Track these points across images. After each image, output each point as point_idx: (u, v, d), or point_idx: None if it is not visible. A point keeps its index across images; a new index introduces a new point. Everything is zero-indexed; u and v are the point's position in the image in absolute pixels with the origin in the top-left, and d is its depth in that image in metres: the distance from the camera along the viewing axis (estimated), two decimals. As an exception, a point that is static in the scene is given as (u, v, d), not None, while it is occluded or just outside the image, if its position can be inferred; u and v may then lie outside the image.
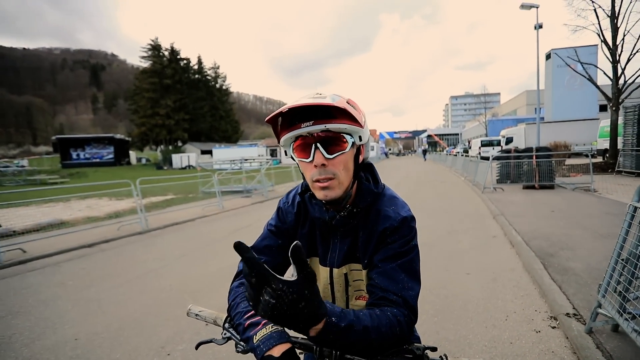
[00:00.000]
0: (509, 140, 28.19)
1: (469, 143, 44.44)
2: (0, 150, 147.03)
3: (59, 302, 3.94)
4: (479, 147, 32.64)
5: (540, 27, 17.10)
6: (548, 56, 36.04)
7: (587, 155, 11.37)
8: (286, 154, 0.96)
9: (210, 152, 50.60)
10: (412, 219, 0.95)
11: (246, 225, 7.89)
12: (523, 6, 16.37)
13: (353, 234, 0.99)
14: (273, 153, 49.02)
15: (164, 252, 5.96)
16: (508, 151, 12.56)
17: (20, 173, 35.20)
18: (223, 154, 41.01)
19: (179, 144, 64.67)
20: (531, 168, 10.95)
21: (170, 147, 60.33)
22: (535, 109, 20.43)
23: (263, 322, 0.81)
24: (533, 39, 16.98)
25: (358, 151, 0.95)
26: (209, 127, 72.26)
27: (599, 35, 14.88)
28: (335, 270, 1.01)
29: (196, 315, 1.03)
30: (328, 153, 0.87)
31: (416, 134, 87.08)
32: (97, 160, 52.09)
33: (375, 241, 0.94)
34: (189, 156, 48.18)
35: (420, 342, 0.99)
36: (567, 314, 2.87)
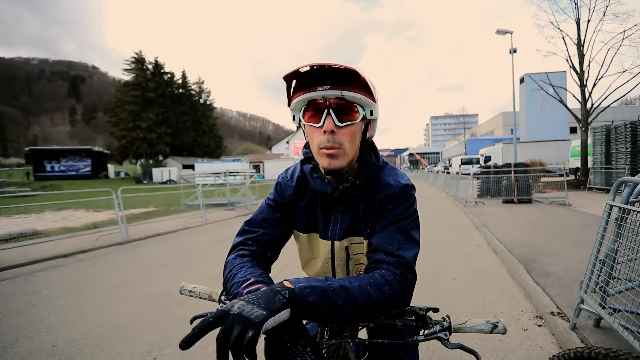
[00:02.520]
0: (488, 159, 29.22)
1: (449, 161, 45.77)
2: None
3: (34, 310, 3.73)
4: (459, 165, 33.67)
5: (515, 51, 18.14)
6: (522, 80, 38.04)
7: (561, 175, 11.91)
8: (294, 119, 0.96)
9: (192, 167, 49.84)
10: (412, 187, 0.96)
11: (230, 236, 7.66)
12: (499, 31, 17.39)
13: (354, 207, 0.98)
14: (257, 168, 48.76)
15: (147, 261, 5.77)
16: (488, 167, 13.03)
17: (-11, 185, 33.53)
18: (206, 168, 40.45)
19: (160, 158, 63.51)
20: (510, 183, 11.37)
21: (151, 161, 59.13)
22: (512, 129, 21.39)
23: (262, 288, 0.75)
24: (510, 63, 17.93)
25: (366, 127, 0.97)
26: (192, 141, 71.61)
27: (567, 60, 15.92)
28: (336, 243, 1.01)
29: (190, 291, 0.99)
30: (339, 121, 0.88)
31: (398, 152, 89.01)
32: (73, 172, 50.28)
33: (376, 209, 0.94)
34: (170, 170, 47.32)
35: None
36: (552, 313, 2.96)
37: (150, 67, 67.06)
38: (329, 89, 0.85)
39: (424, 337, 0.76)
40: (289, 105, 0.95)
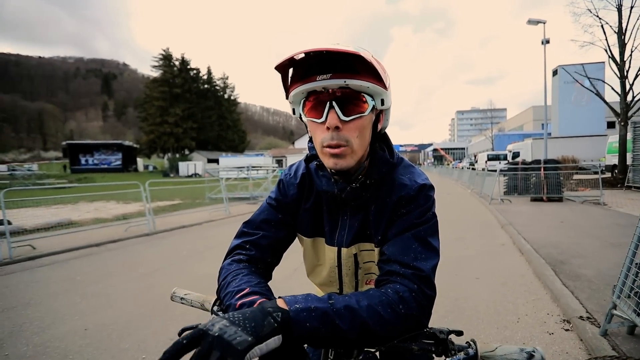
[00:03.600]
0: (516, 155, 28.07)
1: (475, 157, 44.38)
2: (12, 154, 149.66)
3: (68, 295, 3.96)
4: (486, 161, 32.57)
5: (547, 42, 17.25)
6: (555, 72, 36.20)
7: (595, 172, 11.27)
8: (294, 113, 0.84)
9: (216, 161, 51.06)
10: (430, 187, 0.85)
11: (252, 229, 7.89)
12: (530, 21, 16.57)
13: (365, 210, 0.87)
14: (279, 163, 49.29)
15: (171, 252, 5.99)
16: (515, 164, 12.53)
17: (30, 177, 35.80)
18: (230, 162, 41.31)
19: (186, 152, 65.38)
20: (539, 180, 10.89)
21: (178, 155, 61.01)
22: (542, 124, 20.45)
23: (258, 301, 0.67)
24: (542, 55, 17.05)
25: (377, 118, 0.84)
26: (216, 136, 73.15)
27: (606, 51, 14.96)
28: (343, 250, 0.90)
29: (181, 298, 0.92)
30: (344, 114, 0.75)
31: (422, 147, 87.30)
32: (105, 166, 52.83)
33: (389, 213, 0.82)
34: (195, 164, 48.68)
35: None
36: (581, 317, 2.82)
37: (177, 63, 68.92)
38: (330, 77, 0.73)
39: None
40: (286, 97, 0.84)
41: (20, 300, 3.83)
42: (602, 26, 14.92)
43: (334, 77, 0.73)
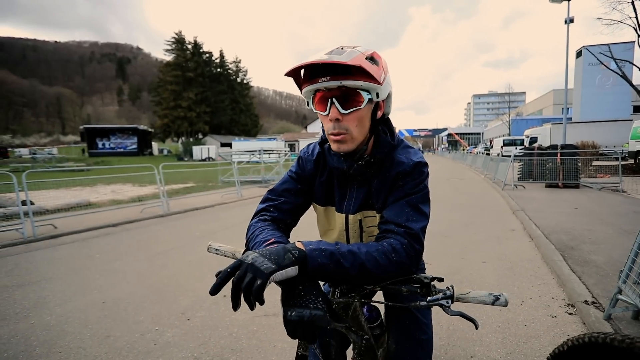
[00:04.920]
0: (533, 140, 27.26)
1: (490, 142, 43.34)
2: (33, 138, 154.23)
3: (87, 271, 4.16)
4: (501, 147, 31.81)
5: (572, 21, 16.44)
6: (579, 54, 34.58)
7: (616, 158, 10.89)
8: (308, 105, 1.00)
9: (229, 145, 51.47)
10: (424, 164, 0.99)
11: (263, 212, 8.01)
12: (553, -1, 15.77)
13: (369, 183, 1.03)
14: (291, 147, 49.33)
15: (184, 233, 6.17)
16: (532, 149, 12.22)
17: (50, 160, 36.97)
18: (242, 146, 41.58)
19: (200, 136, 66.02)
20: (555, 166, 10.62)
21: (191, 139, 61.69)
22: (563, 108, 19.71)
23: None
24: (566, 35, 16.27)
25: (376, 107, 0.98)
26: (229, 120, 73.49)
27: (636, 30, 14.19)
28: (350, 216, 1.06)
29: (216, 250, 1.10)
30: (343, 108, 0.91)
31: (436, 132, 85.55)
32: (121, 150, 53.91)
33: (388, 186, 0.98)
34: (209, 148, 49.19)
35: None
36: (586, 302, 2.82)
37: (189, 47, 68.79)
38: (329, 79, 0.88)
39: (426, 303, 0.80)
40: (301, 92, 1.00)
41: (44, 274, 4.06)
42: (632, 2, 14.10)
43: (332, 79, 0.88)
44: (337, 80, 0.87)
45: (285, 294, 0.72)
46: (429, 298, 0.80)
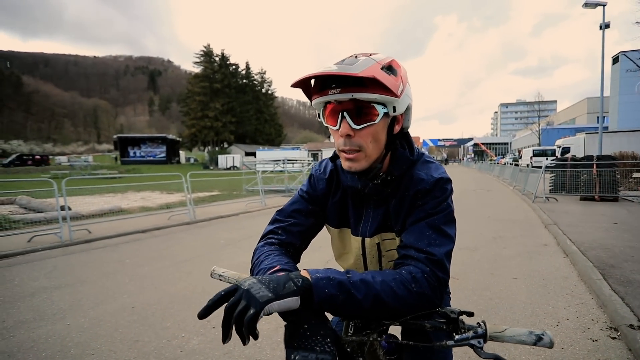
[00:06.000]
0: (566, 151, 26.05)
1: (519, 153, 41.81)
2: (71, 147, 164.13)
3: (118, 276, 4.33)
4: (531, 157, 30.58)
5: (607, 26, 15.75)
6: (615, 60, 32.95)
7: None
8: (319, 117, 0.92)
9: (254, 154, 52.45)
10: (447, 180, 0.89)
11: (286, 221, 8.07)
12: (587, 4, 15.19)
13: (386, 203, 0.94)
14: (314, 156, 49.64)
15: (210, 240, 6.30)
16: (564, 160, 11.68)
17: (86, 167, 39.15)
18: (266, 155, 42.28)
19: (225, 145, 67.76)
20: (591, 178, 10.08)
21: (217, 148, 63.42)
22: (598, 117, 18.81)
23: None
24: (604, 42, 15.57)
25: (393, 121, 0.90)
26: (254, 130, 75.11)
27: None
28: (367, 240, 0.97)
29: (219, 275, 1.01)
30: (355, 123, 0.82)
31: (462, 142, 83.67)
32: (151, 158, 56.17)
33: (407, 206, 0.89)
34: (233, 157, 50.30)
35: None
36: (631, 326, 2.62)
37: (217, 59, 71.33)
38: (340, 92, 0.80)
39: (454, 343, 0.70)
40: (311, 104, 0.93)
41: (79, 277, 4.26)
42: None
43: (343, 91, 0.80)
44: (348, 93, 0.79)
45: (288, 333, 0.65)
46: (457, 337, 0.70)
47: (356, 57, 0.84)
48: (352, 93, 0.79)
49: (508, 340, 0.66)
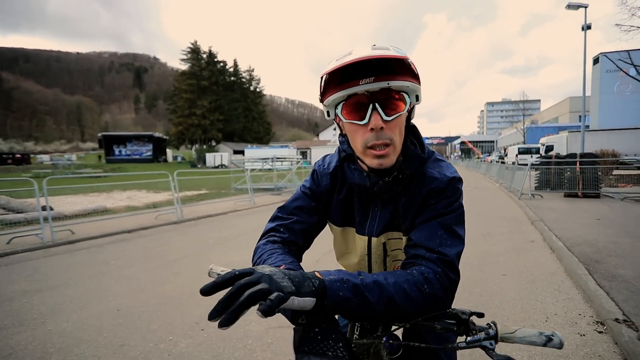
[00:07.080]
0: (549, 148, 26.69)
1: (505, 150, 42.61)
2: (54, 145, 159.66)
3: (103, 278, 4.20)
4: (516, 155, 31.20)
5: (589, 28, 16.14)
6: (596, 60, 33.84)
7: (638, 167, 10.54)
8: (328, 116, 0.87)
9: (242, 152, 51.98)
10: (459, 180, 0.87)
11: (276, 220, 8.01)
12: (570, 6, 15.53)
13: (395, 201, 0.91)
14: (303, 154, 49.51)
15: (198, 240, 6.20)
16: (549, 157, 11.93)
17: (70, 166, 38.12)
18: (255, 153, 41.96)
19: (213, 143, 66.96)
20: (574, 175, 10.32)
21: (205, 147, 62.63)
22: (580, 116, 19.28)
23: None
24: (588, 42, 15.95)
25: (410, 113, 0.87)
26: (242, 127, 74.35)
27: (656, 36, 13.79)
28: (373, 239, 0.94)
29: (218, 275, 0.93)
30: (386, 114, 0.78)
31: (449, 140, 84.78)
32: (137, 156, 55.15)
33: (418, 204, 0.86)
34: (221, 155, 49.78)
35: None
36: (617, 320, 2.67)
37: (204, 56, 70.30)
38: (374, 80, 0.76)
39: (465, 344, 0.68)
40: (321, 101, 0.87)
41: (61, 280, 4.12)
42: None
43: (377, 80, 0.76)
44: (384, 82, 0.75)
45: (298, 336, 0.62)
46: (468, 338, 0.68)
47: (375, 45, 0.78)
48: (388, 82, 0.76)
49: (518, 341, 0.65)
